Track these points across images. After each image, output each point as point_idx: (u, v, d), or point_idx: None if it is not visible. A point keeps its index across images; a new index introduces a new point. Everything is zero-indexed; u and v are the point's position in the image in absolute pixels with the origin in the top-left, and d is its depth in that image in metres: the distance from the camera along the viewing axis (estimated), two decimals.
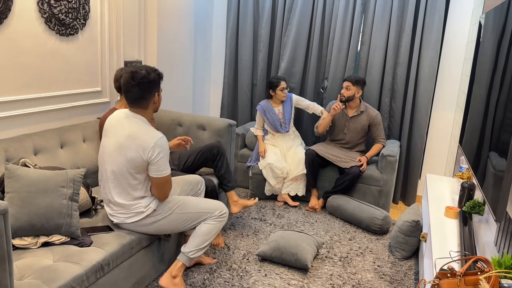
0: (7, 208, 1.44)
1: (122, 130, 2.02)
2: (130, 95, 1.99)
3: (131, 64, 3.23)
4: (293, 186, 3.61)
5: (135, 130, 1.99)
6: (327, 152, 3.56)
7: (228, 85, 4.42)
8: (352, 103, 3.59)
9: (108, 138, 2.07)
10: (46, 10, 2.45)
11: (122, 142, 2.00)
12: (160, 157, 1.98)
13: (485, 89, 2.19)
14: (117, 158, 2.02)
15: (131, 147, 1.98)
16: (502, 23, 1.99)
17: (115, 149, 2.02)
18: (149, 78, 1.98)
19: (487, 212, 2.19)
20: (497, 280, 1.34)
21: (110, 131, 2.07)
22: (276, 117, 3.70)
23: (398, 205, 3.97)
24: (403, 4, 3.69)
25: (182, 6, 3.73)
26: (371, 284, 2.52)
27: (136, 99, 1.99)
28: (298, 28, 3.99)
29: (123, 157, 2.00)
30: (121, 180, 2.05)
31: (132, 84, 1.95)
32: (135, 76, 1.95)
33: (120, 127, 2.03)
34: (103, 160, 2.09)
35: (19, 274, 1.69)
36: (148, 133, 1.99)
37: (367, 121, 3.59)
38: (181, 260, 2.23)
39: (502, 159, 1.62)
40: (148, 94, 2.01)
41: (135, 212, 2.10)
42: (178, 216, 2.17)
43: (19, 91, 2.39)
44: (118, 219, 2.13)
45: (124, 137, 2.00)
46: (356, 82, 3.49)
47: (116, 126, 2.05)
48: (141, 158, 1.97)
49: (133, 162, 1.99)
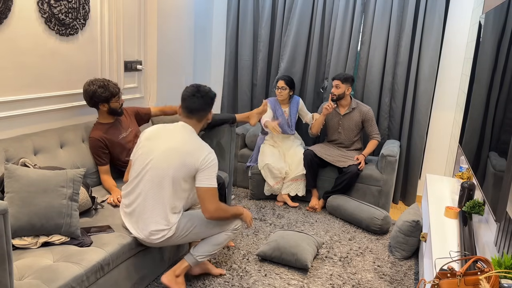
0: (7, 208, 1.44)
1: (175, 136, 2.08)
2: (192, 105, 2.10)
3: (130, 64, 3.24)
4: (293, 186, 3.62)
5: (187, 138, 2.08)
6: (324, 153, 3.56)
7: (228, 85, 4.42)
8: (343, 101, 3.62)
9: (157, 143, 2.08)
10: (46, 10, 2.45)
11: (176, 147, 2.04)
12: (211, 165, 2.05)
13: (485, 89, 2.19)
14: (168, 162, 2.02)
15: (186, 151, 2.03)
16: (502, 23, 1.99)
17: (168, 153, 2.03)
18: (211, 94, 2.16)
19: (487, 212, 2.18)
20: (497, 280, 1.34)
21: (161, 135, 2.11)
22: (284, 117, 3.70)
23: (398, 205, 3.97)
24: (403, 4, 3.69)
25: (182, 6, 3.73)
26: (371, 284, 2.52)
27: (196, 110, 2.11)
28: (298, 28, 3.99)
29: (176, 161, 2.01)
30: (165, 185, 2.03)
31: (197, 96, 2.10)
32: (200, 89, 2.12)
33: (173, 133, 2.10)
34: (146, 164, 2.06)
35: (19, 274, 1.69)
36: (201, 143, 2.10)
37: (360, 117, 3.62)
38: (188, 261, 2.22)
39: (502, 159, 1.62)
40: (208, 107, 2.16)
41: (160, 229, 2.05)
42: (196, 235, 2.18)
43: (19, 91, 2.39)
44: (138, 234, 2.08)
45: (178, 142, 2.05)
46: (345, 80, 3.52)
47: (168, 131, 2.12)
48: (192, 163, 2.01)
49: (185, 167, 2.02)
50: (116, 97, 2.63)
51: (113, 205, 2.42)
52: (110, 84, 2.59)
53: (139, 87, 3.43)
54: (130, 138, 2.75)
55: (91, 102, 2.61)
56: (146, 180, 2.05)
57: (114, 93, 2.60)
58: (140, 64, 3.36)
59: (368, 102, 3.87)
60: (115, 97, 2.62)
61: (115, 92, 2.61)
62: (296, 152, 3.66)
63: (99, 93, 2.55)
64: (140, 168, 2.08)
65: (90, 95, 2.56)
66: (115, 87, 2.62)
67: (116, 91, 2.62)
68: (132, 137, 2.76)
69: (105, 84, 2.57)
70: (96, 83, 2.56)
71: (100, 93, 2.55)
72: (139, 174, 2.08)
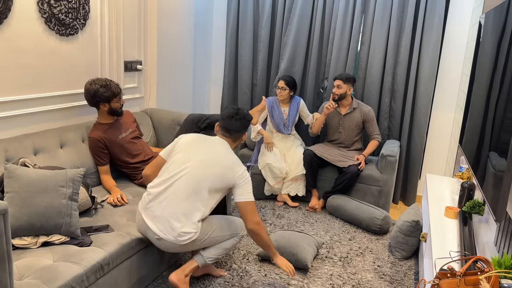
0: (7, 208, 1.44)
1: (216, 148, 2.17)
2: (230, 126, 2.23)
3: (130, 64, 3.24)
4: (293, 186, 3.61)
5: (227, 153, 2.17)
6: (324, 152, 3.56)
7: (228, 85, 4.42)
8: (344, 101, 3.62)
9: (196, 150, 2.16)
10: (46, 10, 2.45)
11: (217, 159, 2.12)
12: (248, 180, 2.14)
13: (485, 89, 2.19)
14: (207, 172, 2.09)
15: (226, 165, 2.11)
16: (502, 23, 1.99)
17: (208, 164, 2.11)
18: (248, 118, 2.28)
19: (487, 212, 2.18)
20: (497, 280, 1.34)
21: (202, 143, 2.19)
22: (281, 116, 3.70)
23: (398, 205, 3.97)
24: (403, 4, 3.69)
25: (182, 6, 3.73)
26: (371, 284, 2.52)
27: (234, 131, 2.24)
28: (298, 28, 3.99)
29: (215, 173, 2.09)
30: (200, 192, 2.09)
31: (236, 118, 2.23)
32: (240, 112, 2.25)
33: (214, 145, 2.19)
34: (182, 169, 2.11)
35: (19, 274, 1.69)
36: (238, 159, 2.18)
37: (361, 117, 3.61)
38: (198, 261, 2.23)
39: (502, 159, 1.62)
40: (244, 130, 2.28)
41: (188, 232, 2.08)
42: (212, 239, 2.22)
43: (19, 91, 2.39)
44: (165, 234, 2.09)
45: (218, 154, 2.14)
46: (346, 80, 3.52)
47: (209, 142, 2.21)
48: (230, 177, 2.10)
49: (223, 180, 2.10)
50: (117, 97, 2.65)
51: (113, 205, 2.42)
52: (112, 84, 2.61)
53: (139, 87, 3.43)
54: (129, 138, 2.75)
55: (92, 102, 2.61)
56: (180, 184, 2.10)
57: (115, 93, 2.62)
58: (140, 64, 3.36)
59: (368, 102, 3.87)
60: (116, 97, 2.64)
61: (117, 92, 2.62)
62: (296, 152, 3.66)
63: (101, 92, 2.56)
64: (174, 172, 2.13)
65: (92, 94, 2.57)
66: (117, 87, 2.63)
67: (118, 91, 2.63)
68: (131, 138, 2.76)
69: (107, 83, 2.59)
70: (98, 82, 2.57)
71: (102, 92, 2.56)
72: (172, 177, 2.12)
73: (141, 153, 2.78)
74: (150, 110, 3.37)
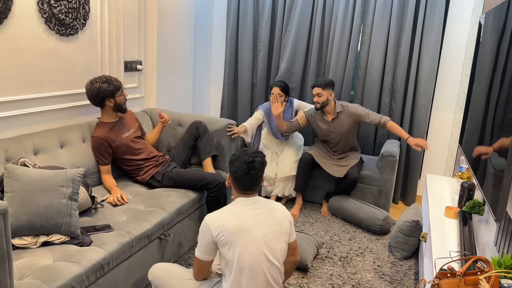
0: (6, 208, 1.44)
1: (259, 215, 1.86)
2: (250, 184, 1.89)
3: (130, 64, 3.24)
4: (281, 187, 3.58)
5: (265, 206, 1.90)
6: (321, 159, 3.46)
7: (228, 85, 4.42)
8: (328, 108, 3.41)
9: (243, 235, 1.79)
10: (46, 10, 2.45)
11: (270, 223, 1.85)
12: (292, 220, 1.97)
13: (485, 89, 2.19)
14: (272, 245, 1.83)
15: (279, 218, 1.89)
16: (502, 23, 1.99)
17: (267, 238, 1.82)
18: (265, 163, 1.93)
19: (487, 212, 2.18)
20: (497, 280, 1.34)
21: (247, 226, 1.81)
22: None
23: (398, 205, 3.97)
24: (403, 4, 3.69)
25: (182, 6, 3.73)
26: (371, 284, 2.52)
27: (255, 186, 1.91)
28: (298, 28, 3.99)
29: (279, 232, 1.86)
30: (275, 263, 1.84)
31: (252, 173, 1.86)
32: (254, 165, 1.87)
33: (254, 216, 1.85)
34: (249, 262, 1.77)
35: (19, 274, 1.69)
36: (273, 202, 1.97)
37: (351, 118, 3.41)
38: None
39: (502, 159, 1.62)
40: (262, 175, 1.95)
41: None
42: None
43: (19, 91, 2.39)
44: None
45: (267, 217, 1.86)
46: (325, 86, 3.30)
47: (249, 216, 1.85)
48: (288, 223, 1.92)
49: (286, 230, 1.90)
50: (120, 90, 2.68)
51: (113, 205, 2.42)
52: (112, 79, 2.65)
53: (139, 87, 3.43)
54: (132, 137, 2.75)
55: (96, 100, 2.62)
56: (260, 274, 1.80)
57: (118, 87, 2.65)
58: (140, 64, 3.36)
59: (368, 102, 3.87)
60: (120, 91, 2.67)
61: (119, 85, 2.66)
62: (287, 154, 3.61)
63: (104, 88, 2.58)
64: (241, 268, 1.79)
65: (96, 92, 2.58)
66: (117, 81, 2.67)
67: (119, 85, 2.67)
68: (134, 137, 2.77)
69: (107, 79, 2.62)
70: (98, 80, 2.60)
71: (105, 88, 2.58)
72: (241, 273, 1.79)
73: (145, 151, 2.79)
74: (150, 110, 3.37)
